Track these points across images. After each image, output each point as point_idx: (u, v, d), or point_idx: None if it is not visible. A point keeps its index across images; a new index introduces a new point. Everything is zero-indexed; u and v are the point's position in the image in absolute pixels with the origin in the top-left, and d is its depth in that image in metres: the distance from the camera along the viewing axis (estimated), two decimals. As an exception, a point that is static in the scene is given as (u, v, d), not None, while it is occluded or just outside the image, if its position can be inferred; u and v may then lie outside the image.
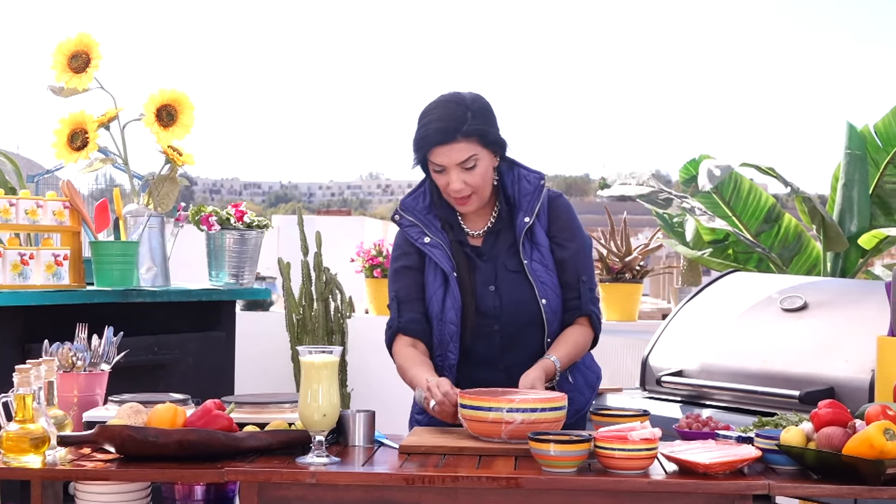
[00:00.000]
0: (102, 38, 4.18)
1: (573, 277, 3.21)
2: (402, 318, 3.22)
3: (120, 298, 4.04)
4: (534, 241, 3.19)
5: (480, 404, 2.75)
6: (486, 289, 3.18)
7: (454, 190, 3.10)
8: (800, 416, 2.85)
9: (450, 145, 3.06)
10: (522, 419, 2.71)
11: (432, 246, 3.19)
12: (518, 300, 3.15)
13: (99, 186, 4.46)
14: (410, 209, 3.25)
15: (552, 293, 3.17)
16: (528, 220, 3.17)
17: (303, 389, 2.62)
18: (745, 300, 3.82)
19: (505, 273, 3.17)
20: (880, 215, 6.42)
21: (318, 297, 5.93)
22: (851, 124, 6.40)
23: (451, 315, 3.15)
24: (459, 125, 3.06)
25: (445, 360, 3.18)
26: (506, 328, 3.16)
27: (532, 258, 3.18)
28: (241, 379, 4.90)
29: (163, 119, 4.23)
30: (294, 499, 2.52)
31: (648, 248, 6.43)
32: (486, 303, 3.17)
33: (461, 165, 3.07)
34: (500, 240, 3.21)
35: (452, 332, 3.16)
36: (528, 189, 3.21)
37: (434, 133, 3.07)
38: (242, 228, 4.51)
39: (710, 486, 2.42)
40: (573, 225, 3.26)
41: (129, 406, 2.79)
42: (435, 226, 3.22)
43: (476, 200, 3.14)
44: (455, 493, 2.49)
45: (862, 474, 2.37)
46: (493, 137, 3.12)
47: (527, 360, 3.12)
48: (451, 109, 3.10)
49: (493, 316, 3.17)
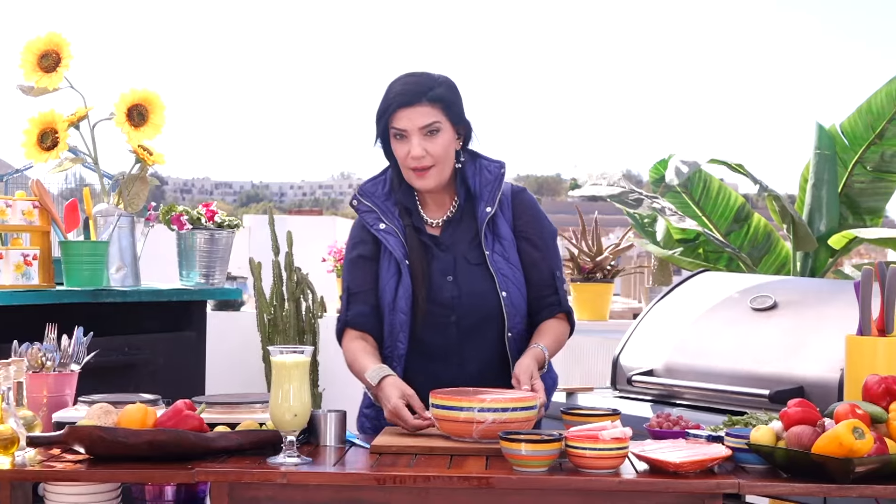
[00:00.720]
0: (72, 37, 4.16)
1: (548, 274, 3.19)
2: (350, 312, 3.18)
3: (90, 298, 4.02)
4: (496, 233, 3.15)
5: (452, 404, 2.75)
6: (444, 279, 3.12)
7: (414, 157, 3.04)
8: (769, 414, 2.87)
9: (413, 108, 3.03)
10: (494, 419, 2.71)
11: (387, 233, 3.14)
12: (477, 291, 3.11)
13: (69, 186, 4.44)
14: (369, 195, 3.20)
15: (513, 287, 3.13)
16: (489, 210, 3.13)
17: (274, 389, 2.62)
18: (716, 300, 3.84)
19: (465, 264, 3.13)
20: (849, 215, 6.46)
21: (290, 297, 5.92)
22: (821, 124, 6.44)
23: (401, 304, 3.10)
24: (426, 89, 3.05)
25: (395, 350, 3.13)
26: (463, 320, 3.11)
27: (494, 250, 3.13)
28: (212, 379, 4.88)
29: (134, 119, 4.21)
30: (264, 499, 2.51)
31: (619, 248, 6.45)
32: (443, 293, 3.12)
33: (423, 130, 3.03)
34: (459, 230, 3.16)
35: (402, 321, 3.10)
36: (489, 178, 3.17)
37: (398, 96, 3.05)
38: (213, 228, 4.50)
39: (681, 485, 2.43)
40: (540, 218, 3.24)
41: (98, 406, 2.77)
42: (392, 213, 3.17)
43: (435, 174, 3.08)
44: (426, 493, 2.49)
45: (831, 473, 2.38)
46: (457, 111, 3.10)
47: (484, 354, 3.10)
48: (418, 77, 3.10)
49: (450, 307, 3.11)
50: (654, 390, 3.69)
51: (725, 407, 3.45)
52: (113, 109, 4.22)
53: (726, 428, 2.77)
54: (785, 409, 2.57)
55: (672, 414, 2.94)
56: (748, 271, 6.28)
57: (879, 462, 2.39)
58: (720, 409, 3.45)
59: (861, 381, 2.67)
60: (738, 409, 3.36)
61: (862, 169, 6.41)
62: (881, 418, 2.53)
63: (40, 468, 2.55)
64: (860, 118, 6.35)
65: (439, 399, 2.78)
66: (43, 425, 2.82)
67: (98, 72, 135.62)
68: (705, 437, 2.69)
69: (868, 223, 6.44)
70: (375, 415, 3.16)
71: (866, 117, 6.33)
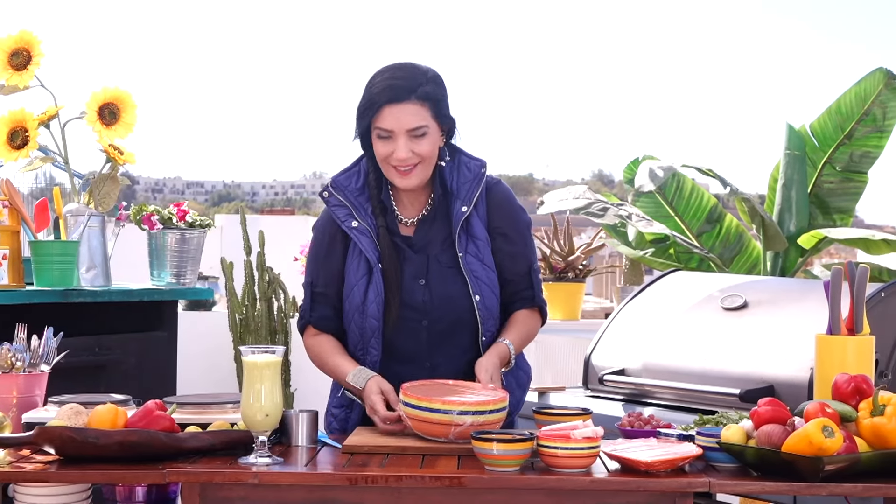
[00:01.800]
0: (43, 35, 4.13)
1: (524, 267, 3.12)
2: (315, 314, 3.13)
3: (60, 298, 4.00)
4: (470, 233, 3.05)
5: (427, 405, 2.72)
6: (416, 282, 3.04)
7: (400, 159, 2.93)
8: (740, 413, 2.88)
9: (401, 105, 2.91)
10: (472, 421, 2.70)
11: (359, 232, 3.03)
12: (449, 295, 3.02)
13: (39, 185, 4.41)
14: (342, 188, 3.08)
15: (486, 289, 3.04)
16: (465, 210, 3.03)
17: (245, 389, 2.61)
18: (687, 299, 3.85)
19: (437, 266, 3.04)
20: (819, 215, 6.49)
21: (261, 297, 5.91)
22: (791, 125, 6.46)
23: (372, 308, 3.01)
24: (414, 85, 2.93)
25: (367, 354, 3.03)
26: (434, 324, 3.04)
27: (467, 251, 3.04)
28: (184, 379, 4.86)
29: (105, 117, 4.19)
30: (236, 499, 2.51)
31: (591, 248, 6.47)
32: (414, 297, 3.03)
33: (410, 133, 2.92)
34: (433, 230, 3.07)
35: (374, 326, 3.01)
36: (468, 177, 3.06)
37: (386, 90, 2.91)
38: (184, 228, 4.48)
39: (652, 483, 2.44)
40: (515, 210, 3.14)
41: (69, 407, 2.76)
42: (365, 210, 3.05)
43: (419, 173, 2.97)
44: (398, 492, 2.49)
45: (801, 471, 2.40)
46: (445, 110, 2.99)
47: (456, 359, 3.04)
48: (406, 71, 2.97)
49: (422, 311, 3.03)
50: (626, 390, 3.70)
51: (696, 406, 3.47)
52: (84, 108, 4.20)
53: (697, 427, 2.79)
54: (755, 408, 2.58)
55: (643, 413, 2.95)
56: (719, 272, 6.30)
57: (849, 461, 2.41)
58: (691, 409, 3.47)
59: (830, 379, 2.68)
60: (708, 409, 3.37)
61: (831, 169, 6.44)
62: (850, 417, 2.55)
63: (10, 469, 2.53)
64: (830, 119, 6.38)
65: (412, 398, 2.76)
66: (13, 426, 2.81)
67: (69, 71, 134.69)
68: (676, 437, 2.70)
69: (838, 223, 6.47)
70: (345, 415, 3.13)
71: (836, 118, 6.36)
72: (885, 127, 6.32)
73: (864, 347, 2.82)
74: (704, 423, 2.87)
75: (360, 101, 2.98)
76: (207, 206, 68.95)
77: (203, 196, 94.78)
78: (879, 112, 6.27)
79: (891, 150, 6.47)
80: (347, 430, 3.06)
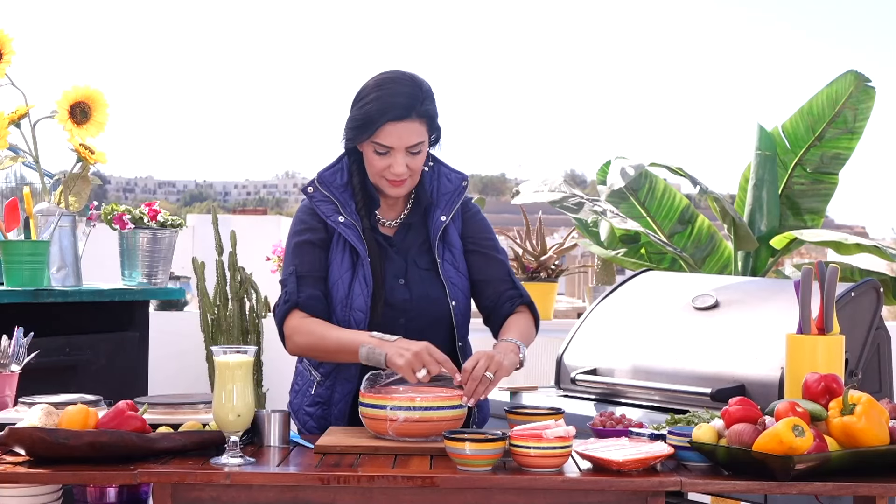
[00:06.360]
0: (14, 33, 4.11)
1: (504, 270, 3.17)
2: (303, 294, 3.04)
3: (30, 298, 3.98)
4: (447, 241, 3.13)
5: (369, 401, 2.78)
6: (396, 281, 3.08)
7: (397, 174, 2.98)
8: (711, 413, 2.89)
9: (405, 123, 2.93)
10: (406, 417, 2.72)
11: (346, 226, 3.05)
12: (428, 296, 3.07)
13: (9, 185, 4.39)
14: (328, 184, 3.10)
15: (461, 295, 3.12)
16: (444, 219, 3.10)
17: (217, 390, 2.61)
18: (658, 299, 3.86)
19: (415, 269, 3.09)
20: (790, 216, 6.52)
21: (233, 297, 5.89)
22: (762, 126, 6.49)
23: (359, 302, 3.02)
24: (416, 102, 2.95)
25: None
26: (412, 323, 3.06)
27: (444, 258, 3.11)
28: (155, 379, 4.85)
29: (76, 116, 4.17)
30: (208, 500, 2.50)
31: (563, 248, 6.48)
32: (395, 295, 3.06)
33: (409, 149, 2.96)
34: (410, 234, 3.13)
35: (360, 319, 3.02)
36: (449, 188, 3.13)
37: (389, 108, 2.92)
38: (156, 227, 4.47)
39: (624, 483, 2.44)
40: (489, 226, 3.23)
41: (40, 408, 2.75)
42: (350, 206, 3.07)
43: (410, 184, 3.04)
44: (370, 492, 2.49)
45: (771, 470, 2.41)
46: (437, 124, 3.03)
47: None
48: (407, 85, 2.98)
49: (402, 309, 3.07)
50: (598, 389, 3.71)
51: (668, 405, 3.48)
52: (55, 107, 4.18)
53: (669, 426, 2.80)
54: (726, 408, 2.59)
55: (615, 413, 2.96)
56: (691, 271, 6.32)
57: (819, 459, 2.42)
58: (663, 408, 3.48)
59: (801, 379, 2.70)
60: (680, 408, 3.38)
61: (802, 170, 6.47)
62: (821, 416, 2.56)
63: (-20, 470, 2.52)
64: (801, 120, 6.41)
65: (367, 398, 2.80)
66: (-18, 427, 2.79)
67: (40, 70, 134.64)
68: (648, 436, 2.71)
69: (808, 224, 6.50)
70: (322, 413, 3.14)
71: (807, 119, 6.39)
72: (855, 129, 6.35)
73: (834, 347, 2.84)
74: (676, 422, 2.88)
75: (357, 114, 2.99)
76: (179, 206, 68.75)
77: (175, 196, 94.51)
78: (850, 114, 6.30)
79: (861, 151, 6.51)
80: (322, 429, 3.07)
